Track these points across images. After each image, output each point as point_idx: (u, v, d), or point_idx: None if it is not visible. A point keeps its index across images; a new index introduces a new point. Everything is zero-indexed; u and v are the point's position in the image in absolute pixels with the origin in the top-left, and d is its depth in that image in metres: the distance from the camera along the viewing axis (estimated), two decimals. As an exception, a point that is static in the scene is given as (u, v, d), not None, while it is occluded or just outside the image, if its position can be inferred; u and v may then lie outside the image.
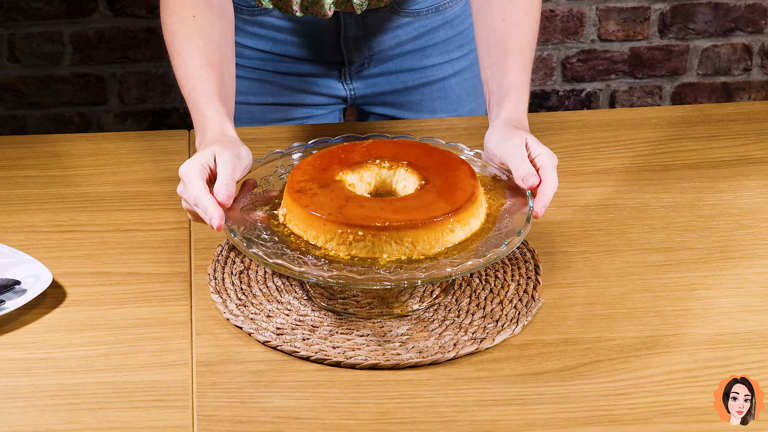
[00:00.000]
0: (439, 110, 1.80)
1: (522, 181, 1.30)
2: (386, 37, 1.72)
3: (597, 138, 1.64)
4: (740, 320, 1.28)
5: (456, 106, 1.80)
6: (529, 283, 1.33)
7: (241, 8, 1.70)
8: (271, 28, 1.71)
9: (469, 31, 1.78)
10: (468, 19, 1.77)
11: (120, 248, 1.41)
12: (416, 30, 1.73)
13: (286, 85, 1.76)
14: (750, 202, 1.49)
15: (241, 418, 1.15)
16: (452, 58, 1.77)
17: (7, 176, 1.56)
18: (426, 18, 1.73)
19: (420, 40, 1.74)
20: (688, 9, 2.79)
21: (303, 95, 1.76)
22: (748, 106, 1.72)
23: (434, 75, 1.77)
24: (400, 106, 1.79)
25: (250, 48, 1.73)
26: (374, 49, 1.72)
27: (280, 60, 1.74)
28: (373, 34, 1.71)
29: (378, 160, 1.35)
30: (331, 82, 1.76)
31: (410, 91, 1.78)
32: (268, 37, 1.72)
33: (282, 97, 1.76)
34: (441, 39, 1.75)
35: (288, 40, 1.72)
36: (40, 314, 1.30)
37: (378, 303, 1.30)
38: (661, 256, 1.39)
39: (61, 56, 2.69)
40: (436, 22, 1.74)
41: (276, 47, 1.73)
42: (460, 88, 1.79)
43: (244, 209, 1.31)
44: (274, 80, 1.75)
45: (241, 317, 1.28)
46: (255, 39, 1.73)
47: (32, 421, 1.15)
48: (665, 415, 1.15)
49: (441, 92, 1.79)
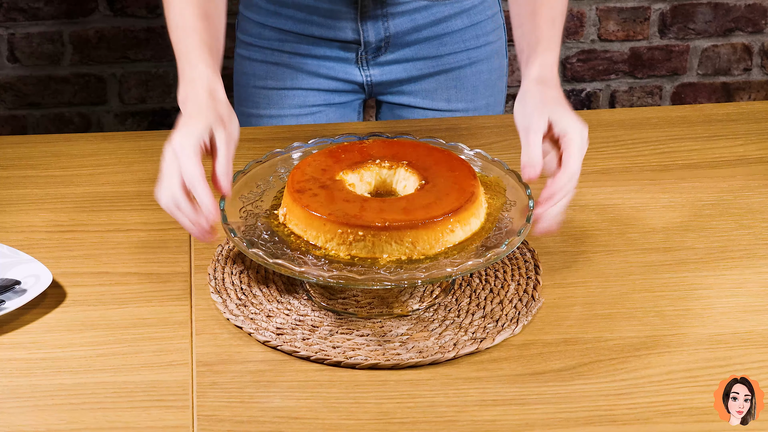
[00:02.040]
0: (454, 99, 1.79)
1: (522, 172, 1.28)
2: (403, 20, 1.72)
3: (597, 138, 1.64)
4: (740, 320, 1.28)
5: (472, 97, 1.79)
6: (529, 283, 1.33)
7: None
8: (291, 6, 1.71)
9: (486, 23, 1.77)
10: (486, 10, 1.77)
11: (120, 248, 1.41)
12: (433, 15, 1.73)
13: (305, 69, 1.76)
14: (750, 202, 1.49)
15: (241, 418, 1.15)
16: (469, 47, 1.77)
17: (7, 176, 1.56)
18: (444, 4, 1.73)
19: (437, 27, 1.74)
20: (688, 9, 2.79)
21: (321, 80, 1.76)
22: (748, 106, 1.72)
23: (450, 63, 1.77)
24: (415, 93, 1.79)
25: (270, 27, 1.74)
26: (391, 31, 1.72)
27: (298, 41, 1.74)
28: (390, 15, 1.71)
29: (378, 160, 1.35)
30: (348, 67, 1.76)
31: (425, 79, 1.78)
32: (288, 16, 1.72)
33: (300, 81, 1.76)
34: (458, 27, 1.75)
35: (307, 18, 1.72)
36: (40, 314, 1.30)
37: (378, 303, 1.30)
38: (661, 256, 1.39)
39: (61, 56, 2.69)
40: (453, 10, 1.74)
41: (295, 26, 1.73)
42: (476, 79, 1.79)
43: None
44: (292, 63, 1.75)
45: (241, 317, 1.28)
46: (275, 17, 1.73)
47: (32, 421, 1.15)
48: (665, 415, 1.15)
49: (456, 81, 1.78)
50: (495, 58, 1.80)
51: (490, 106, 1.81)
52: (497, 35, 1.79)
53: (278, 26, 1.74)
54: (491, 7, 1.78)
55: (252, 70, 1.78)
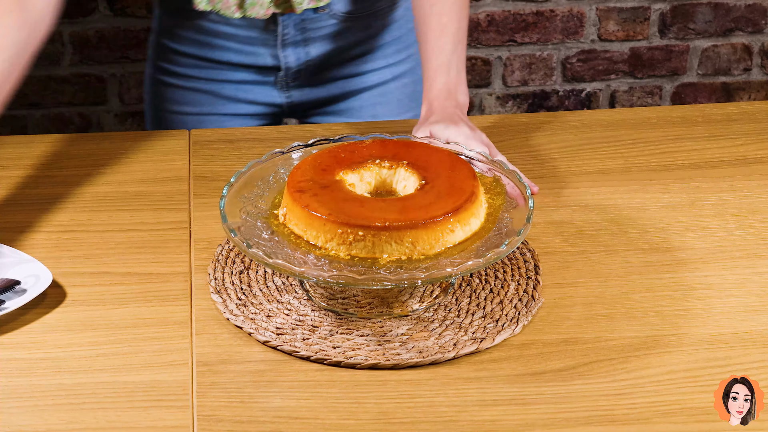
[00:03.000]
0: (381, 115, 1.77)
1: None
2: (325, 43, 1.70)
3: (597, 138, 1.64)
4: (740, 320, 1.28)
5: (398, 111, 1.78)
6: (529, 283, 1.33)
7: (175, 11, 1.69)
8: (208, 33, 1.68)
9: (408, 36, 1.76)
10: (408, 23, 1.75)
11: (120, 248, 1.41)
12: (355, 36, 1.71)
13: (222, 95, 1.73)
14: (750, 202, 1.49)
15: (241, 418, 1.15)
16: (391, 62, 1.75)
17: (7, 176, 1.56)
18: (366, 23, 1.71)
19: (360, 47, 1.72)
20: (688, 9, 2.79)
21: (239, 104, 1.74)
22: (748, 106, 1.72)
23: (374, 80, 1.75)
24: (339, 113, 1.76)
25: (186, 55, 1.71)
26: (312, 55, 1.70)
27: (216, 67, 1.72)
28: (312, 39, 1.69)
29: (378, 160, 1.35)
30: (267, 90, 1.73)
31: (349, 98, 1.76)
32: (204, 43, 1.70)
33: (218, 107, 1.74)
34: (380, 44, 1.73)
35: (225, 45, 1.69)
36: (40, 314, 1.30)
37: (378, 303, 1.30)
38: (661, 256, 1.39)
39: (61, 56, 2.69)
40: (377, 28, 1.72)
41: (212, 53, 1.70)
42: (400, 92, 1.77)
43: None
44: (209, 89, 1.73)
45: (241, 317, 1.28)
46: (191, 45, 1.70)
47: (32, 421, 1.15)
48: (665, 415, 1.15)
49: (381, 97, 1.76)
50: (417, 68, 1.78)
51: (417, 117, 1.81)
52: (417, 46, 1.79)
53: (194, 53, 1.71)
54: (411, 20, 1.75)
55: (168, 95, 1.75)
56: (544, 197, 1.50)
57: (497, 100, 2.85)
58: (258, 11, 1.60)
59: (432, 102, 1.53)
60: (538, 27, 2.76)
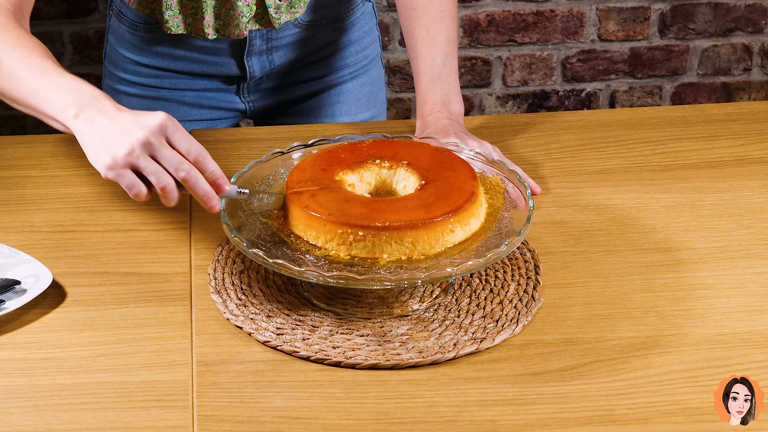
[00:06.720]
0: (338, 115, 1.79)
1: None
2: (288, 51, 1.71)
3: (597, 138, 1.64)
4: (740, 320, 1.28)
5: (355, 110, 1.80)
6: (529, 283, 1.33)
7: (137, 24, 1.68)
8: (169, 43, 1.68)
9: (365, 38, 1.78)
10: (363, 26, 1.77)
11: (120, 248, 1.41)
12: (317, 42, 1.73)
13: (183, 101, 1.74)
14: (750, 202, 1.49)
15: (241, 418, 1.15)
16: (349, 63, 1.78)
17: (7, 176, 1.56)
18: (327, 29, 1.73)
19: (320, 52, 1.74)
20: (688, 9, 2.79)
21: (201, 110, 1.75)
22: (748, 106, 1.72)
23: (332, 81, 1.78)
24: (299, 114, 1.79)
25: (147, 66, 1.71)
26: (276, 63, 1.71)
27: (177, 77, 1.72)
28: (275, 48, 1.70)
29: (378, 160, 1.35)
30: (229, 96, 1.75)
31: (309, 99, 1.78)
32: (166, 54, 1.70)
33: (179, 113, 1.74)
34: (340, 47, 1.76)
35: (187, 56, 1.70)
36: (40, 314, 1.30)
37: (378, 303, 1.30)
38: (661, 256, 1.39)
39: (61, 56, 2.69)
40: (336, 34, 1.74)
41: (174, 64, 1.70)
42: (358, 92, 1.79)
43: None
44: (170, 97, 1.73)
45: (241, 317, 1.28)
46: (152, 57, 1.70)
47: (32, 421, 1.15)
48: (665, 415, 1.15)
49: (339, 96, 1.79)
50: (374, 69, 1.81)
51: (374, 118, 1.82)
52: (374, 48, 1.82)
53: (154, 64, 1.71)
54: (368, 22, 1.79)
55: (127, 104, 1.73)
56: (544, 197, 1.50)
57: (497, 100, 2.85)
58: (233, 31, 1.61)
59: (426, 117, 1.56)
60: (538, 27, 2.76)
